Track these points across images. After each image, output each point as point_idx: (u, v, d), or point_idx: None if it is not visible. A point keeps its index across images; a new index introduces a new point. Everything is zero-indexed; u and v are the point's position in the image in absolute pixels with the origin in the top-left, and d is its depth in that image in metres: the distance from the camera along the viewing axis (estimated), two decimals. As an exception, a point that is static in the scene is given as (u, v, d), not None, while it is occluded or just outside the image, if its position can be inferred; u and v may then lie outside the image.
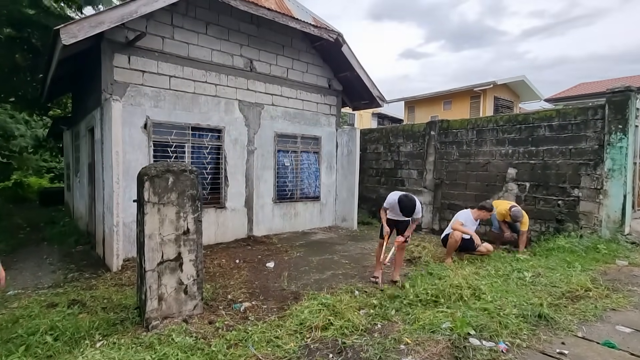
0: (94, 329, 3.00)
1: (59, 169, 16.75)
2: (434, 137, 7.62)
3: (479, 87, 17.42)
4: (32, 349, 2.69)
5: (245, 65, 6.74)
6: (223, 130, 6.44)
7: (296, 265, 5.17)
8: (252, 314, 3.40)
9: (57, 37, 4.43)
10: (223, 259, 5.37)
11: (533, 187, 6.21)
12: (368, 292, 3.97)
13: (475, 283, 3.85)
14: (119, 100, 4.96)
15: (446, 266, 4.68)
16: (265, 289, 4.15)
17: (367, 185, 9.01)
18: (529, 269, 4.44)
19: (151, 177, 3.07)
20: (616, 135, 5.33)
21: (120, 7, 4.76)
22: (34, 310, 3.39)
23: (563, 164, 5.88)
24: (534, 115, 6.40)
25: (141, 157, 5.46)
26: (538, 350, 2.72)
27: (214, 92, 6.34)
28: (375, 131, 9.21)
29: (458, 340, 2.75)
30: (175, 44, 5.87)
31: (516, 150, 6.42)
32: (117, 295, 3.83)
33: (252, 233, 6.88)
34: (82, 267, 5.03)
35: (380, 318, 3.24)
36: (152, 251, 3.07)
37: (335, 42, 7.11)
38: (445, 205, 7.40)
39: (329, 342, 2.86)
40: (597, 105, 5.65)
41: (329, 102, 8.22)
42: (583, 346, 2.80)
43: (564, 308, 3.45)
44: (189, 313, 3.24)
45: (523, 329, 2.98)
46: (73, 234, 6.91)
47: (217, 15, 6.32)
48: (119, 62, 5.30)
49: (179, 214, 3.19)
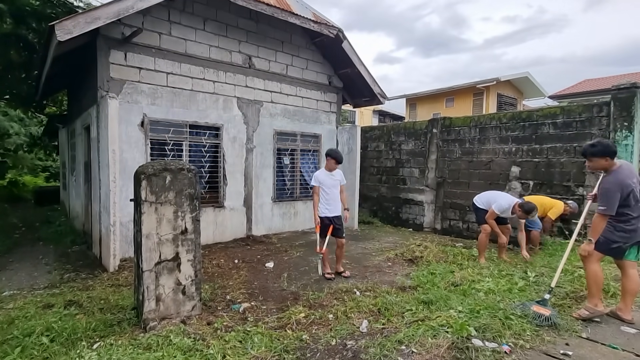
0: (90, 330, 2.96)
1: (54, 168, 16.67)
2: (436, 135, 7.56)
3: (482, 83, 17.31)
4: (28, 350, 2.66)
5: (243, 62, 6.66)
6: (221, 128, 6.37)
7: (296, 265, 5.11)
8: (251, 315, 3.36)
9: (52, 33, 4.37)
10: (222, 259, 5.31)
11: (537, 185, 6.16)
12: (369, 292, 3.92)
13: (478, 286, 3.82)
14: (116, 98, 4.89)
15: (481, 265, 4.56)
16: (264, 290, 4.11)
17: (367, 184, 8.95)
18: (533, 269, 4.40)
19: (148, 175, 3.02)
20: (622, 133, 5.27)
21: (116, 3, 4.68)
22: (29, 311, 3.34)
23: (567, 162, 5.82)
24: (537, 112, 6.33)
25: (138, 156, 5.39)
26: (542, 351, 2.71)
27: (212, 89, 6.26)
28: (376, 129, 9.14)
29: (460, 342, 2.71)
30: (173, 40, 5.79)
31: (520, 148, 6.36)
32: (114, 296, 3.78)
33: (251, 233, 6.82)
34: (79, 268, 4.97)
35: (381, 319, 3.19)
36: (149, 251, 3.03)
37: (335, 38, 7.04)
38: (447, 204, 7.34)
39: (329, 343, 2.82)
40: (602, 102, 5.59)
41: (329, 99, 8.15)
42: (587, 347, 2.78)
43: (568, 308, 3.42)
44: (187, 314, 3.20)
45: (526, 329, 2.95)
46: (69, 234, 6.85)
47: (215, 11, 6.24)
48: (115, 59, 5.22)
49: (177, 214, 3.14)
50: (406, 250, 5.67)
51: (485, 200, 5.08)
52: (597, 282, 3.19)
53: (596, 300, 3.20)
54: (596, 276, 3.18)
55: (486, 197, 5.11)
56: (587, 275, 3.28)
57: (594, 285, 3.19)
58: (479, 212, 5.12)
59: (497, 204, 4.82)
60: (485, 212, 4.96)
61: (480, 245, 5.03)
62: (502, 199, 4.88)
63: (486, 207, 4.98)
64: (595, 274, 3.19)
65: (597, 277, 3.18)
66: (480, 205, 5.11)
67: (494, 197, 4.98)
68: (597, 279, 3.18)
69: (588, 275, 3.25)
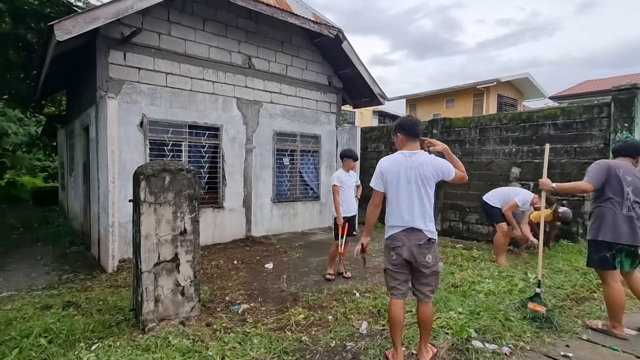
0: (89, 331, 2.94)
1: (53, 168, 16.63)
2: (436, 136, 7.54)
3: (482, 84, 17.30)
4: (25, 351, 2.64)
5: (243, 62, 6.65)
6: (221, 128, 6.36)
7: (295, 266, 5.10)
8: (250, 316, 3.34)
9: (51, 33, 4.36)
10: (221, 259, 5.29)
11: (537, 186, 6.13)
12: (368, 294, 3.91)
13: (478, 288, 3.81)
14: (115, 98, 4.87)
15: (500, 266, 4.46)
16: (263, 291, 4.09)
17: (368, 184, 8.93)
18: (533, 271, 4.39)
19: (147, 176, 3.01)
20: (622, 134, 5.26)
21: (115, 3, 4.67)
22: (27, 312, 3.33)
23: (568, 163, 5.82)
24: (538, 113, 6.33)
25: (137, 156, 5.37)
26: (542, 352, 2.70)
27: (211, 89, 6.25)
28: (376, 129, 9.14)
29: (460, 343, 2.70)
30: (172, 40, 5.78)
31: (520, 149, 6.36)
32: (112, 297, 3.77)
33: (250, 233, 6.80)
34: (77, 268, 4.95)
35: (380, 321, 3.18)
36: (148, 252, 3.02)
37: (335, 38, 7.03)
38: (447, 205, 7.33)
39: (329, 344, 2.80)
40: (603, 103, 5.59)
41: (329, 99, 8.14)
42: (588, 349, 2.77)
43: (569, 310, 3.41)
44: (186, 315, 3.19)
45: (527, 331, 2.94)
46: (67, 235, 6.84)
47: (215, 11, 6.23)
48: (114, 59, 5.21)
49: (176, 214, 3.13)
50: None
51: (501, 196, 4.96)
52: (614, 304, 2.93)
53: (615, 323, 2.96)
54: (612, 297, 2.93)
55: (501, 193, 5.02)
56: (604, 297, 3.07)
57: (612, 307, 2.95)
58: (494, 210, 4.94)
59: (520, 197, 4.72)
60: (500, 210, 4.84)
61: (498, 245, 4.87)
62: (522, 192, 4.81)
63: (501, 205, 4.86)
64: (606, 295, 2.97)
65: (613, 298, 2.92)
66: (495, 203, 4.95)
67: (513, 192, 4.91)
68: (614, 300, 2.92)
69: (605, 297, 3.05)
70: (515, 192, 4.89)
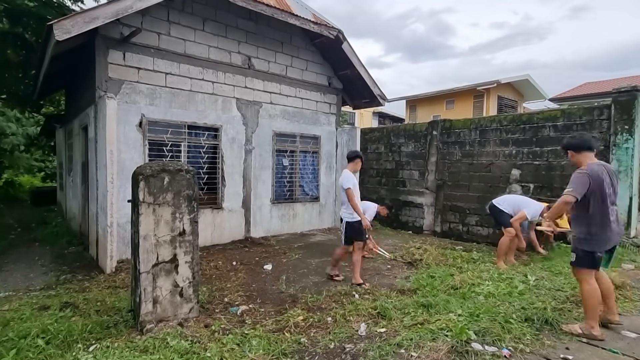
0: (86, 332, 2.93)
1: (51, 168, 16.58)
2: (436, 137, 7.54)
3: (482, 86, 17.29)
4: (23, 352, 2.63)
5: (243, 63, 6.64)
6: (220, 129, 6.35)
7: (294, 267, 5.08)
8: (249, 318, 3.33)
9: (50, 32, 4.35)
10: (220, 260, 5.28)
11: (537, 188, 6.14)
12: (368, 295, 3.89)
13: (477, 290, 3.79)
14: (114, 98, 4.86)
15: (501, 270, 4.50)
16: (262, 292, 4.07)
17: (367, 186, 8.93)
18: (533, 273, 4.38)
19: (146, 176, 3.00)
20: (622, 136, 5.27)
21: (115, 3, 4.66)
22: (25, 312, 3.32)
23: (568, 164, 5.79)
24: (538, 115, 6.34)
25: (136, 156, 5.36)
26: (541, 355, 2.69)
27: (211, 89, 6.24)
28: (376, 130, 9.13)
29: (460, 345, 2.69)
30: (172, 40, 5.77)
31: (520, 150, 6.36)
32: (110, 298, 3.76)
33: (249, 234, 6.79)
34: (75, 269, 4.94)
35: (380, 323, 3.17)
36: (146, 253, 3.01)
37: (335, 39, 7.03)
38: (447, 206, 7.32)
39: (328, 346, 2.79)
40: (603, 105, 5.60)
41: (329, 100, 8.14)
42: (587, 351, 2.76)
43: (568, 312, 3.39)
44: (185, 316, 3.17)
45: (526, 333, 2.93)
46: (65, 235, 6.82)
47: (215, 11, 6.22)
48: (113, 59, 5.19)
49: (175, 215, 3.12)
50: (406, 253, 5.65)
51: (512, 204, 5.06)
52: (595, 303, 2.90)
53: (593, 323, 2.93)
54: (593, 296, 2.90)
55: (512, 201, 5.11)
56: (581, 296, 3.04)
57: (591, 306, 2.92)
58: (503, 215, 5.04)
59: (530, 209, 4.84)
60: (511, 216, 4.94)
61: (502, 248, 4.92)
62: (533, 204, 4.94)
63: (511, 211, 4.97)
64: (588, 294, 2.91)
65: (594, 297, 2.90)
66: (505, 208, 5.05)
67: (524, 202, 5.01)
68: (595, 298, 2.90)
69: (581, 295, 3.02)
70: (525, 203, 4.97)
